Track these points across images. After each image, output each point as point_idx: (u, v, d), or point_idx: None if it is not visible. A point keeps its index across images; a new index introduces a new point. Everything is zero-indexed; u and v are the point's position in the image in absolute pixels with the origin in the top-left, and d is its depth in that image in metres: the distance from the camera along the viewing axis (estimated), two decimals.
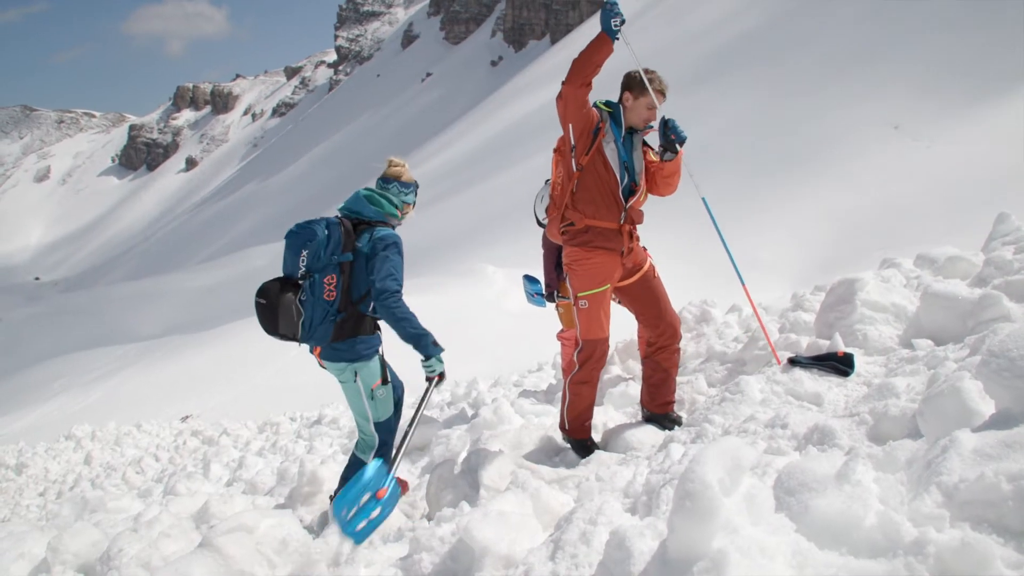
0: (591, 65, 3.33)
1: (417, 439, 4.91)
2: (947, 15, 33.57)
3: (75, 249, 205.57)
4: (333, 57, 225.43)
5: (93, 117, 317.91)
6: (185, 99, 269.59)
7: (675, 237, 21.05)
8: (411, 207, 3.80)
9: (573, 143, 3.52)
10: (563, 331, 5.30)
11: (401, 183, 3.73)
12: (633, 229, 3.64)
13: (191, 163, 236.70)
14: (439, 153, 77.07)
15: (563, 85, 3.40)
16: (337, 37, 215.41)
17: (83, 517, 6.15)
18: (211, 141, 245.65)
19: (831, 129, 29.58)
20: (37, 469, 12.92)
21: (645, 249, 3.78)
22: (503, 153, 55.79)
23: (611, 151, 3.50)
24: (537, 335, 12.42)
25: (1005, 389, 1.71)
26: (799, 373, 3.44)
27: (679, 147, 3.55)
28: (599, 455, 3.47)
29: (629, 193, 3.57)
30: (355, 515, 2.97)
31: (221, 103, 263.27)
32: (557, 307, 5.24)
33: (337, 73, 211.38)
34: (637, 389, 4.24)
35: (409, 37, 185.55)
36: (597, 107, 3.54)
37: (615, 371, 5.10)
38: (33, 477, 12.53)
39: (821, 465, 1.63)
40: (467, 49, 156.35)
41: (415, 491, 3.99)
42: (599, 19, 3.41)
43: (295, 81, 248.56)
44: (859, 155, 26.75)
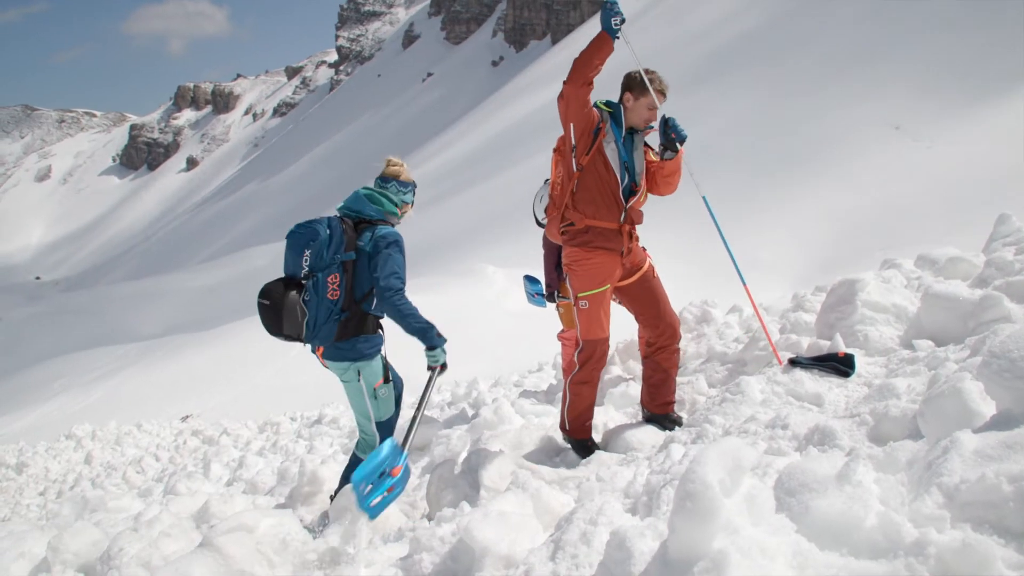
0: (592, 64, 3.34)
1: (417, 439, 4.91)
2: (947, 15, 33.57)
3: (76, 249, 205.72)
4: (334, 57, 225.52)
5: (94, 117, 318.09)
6: (186, 99, 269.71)
7: (675, 237, 21.06)
8: (410, 206, 3.81)
9: (574, 143, 3.52)
10: (563, 331, 5.30)
11: (399, 182, 3.73)
12: (633, 229, 3.64)
13: (192, 163, 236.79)
14: (440, 153, 77.06)
15: (564, 84, 3.40)
16: (338, 37, 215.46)
17: (83, 516, 6.16)
18: (212, 141, 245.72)
19: (831, 129, 29.57)
20: (37, 468, 12.92)
21: (644, 249, 3.78)
22: (504, 153, 55.77)
23: (611, 151, 3.50)
24: (537, 335, 12.42)
25: (1006, 390, 1.71)
26: (800, 374, 3.43)
27: (679, 146, 3.55)
28: (599, 455, 3.46)
29: (629, 193, 3.57)
30: (371, 491, 3.06)
31: (222, 103, 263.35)
32: (558, 307, 5.24)
33: (338, 73, 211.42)
34: (637, 389, 4.24)
35: (410, 37, 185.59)
36: (597, 107, 3.55)
37: (615, 371, 5.10)
38: (33, 476, 12.54)
39: (822, 466, 1.63)
40: (468, 49, 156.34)
41: (415, 491, 3.98)
42: (599, 18, 3.43)
43: (296, 81, 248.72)
44: (859, 155, 26.75)
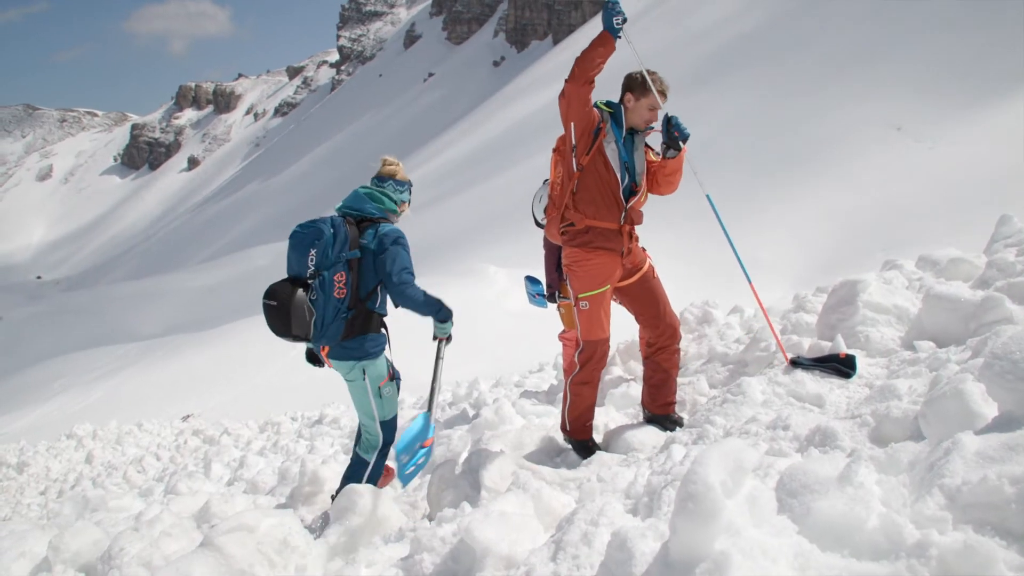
0: (593, 63, 3.34)
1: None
2: (947, 15, 33.52)
3: (77, 248, 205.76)
4: (335, 57, 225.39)
5: (95, 116, 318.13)
6: (187, 98, 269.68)
7: (676, 237, 21.06)
8: (407, 205, 3.84)
9: (574, 142, 3.51)
10: (564, 332, 5.30)
11: (396, 181, 3.75)
12: (633, 230, 3.64)
13: (193, 162, 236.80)
14: (441, 153, 77.04)
15: (566, 83, 3.41)
16: (339, 37, 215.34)
17: (84, 516, 6.16)
18: (213, 140, 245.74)
19: (831, 129, 29.53)
20: (38, 468, 12.92)
21: (644, 250, 3.78)
22: (505, 153, 55.73)
23: (612, 151, 3.49)
24: (538, 335, 12.40)
25: (1008, 392, 1.71)
26: (801, 375, 3.43)
27: (682, 144, 3.55)
28: (600, 456, 3.46)
29: (630, 194, 3.57)
30: (409, 461, 3.33)
31: (223, 102, 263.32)
32: (558, 308, 5.24)
33: (339, 73, 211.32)
34: (638, 390, 4.24)
35: (411, 37, 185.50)
36: (598, 107, 3.54)
37: (616, 372, 5.10)
38: (34, 476, 12.54)
39: (823, 467, 1.63)
40: (469, 49, 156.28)
41: (416, 491, 3.98)
42: (601, 18, 3.44)
43: (297, 81, 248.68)
44: (860, 155, 26.70)
